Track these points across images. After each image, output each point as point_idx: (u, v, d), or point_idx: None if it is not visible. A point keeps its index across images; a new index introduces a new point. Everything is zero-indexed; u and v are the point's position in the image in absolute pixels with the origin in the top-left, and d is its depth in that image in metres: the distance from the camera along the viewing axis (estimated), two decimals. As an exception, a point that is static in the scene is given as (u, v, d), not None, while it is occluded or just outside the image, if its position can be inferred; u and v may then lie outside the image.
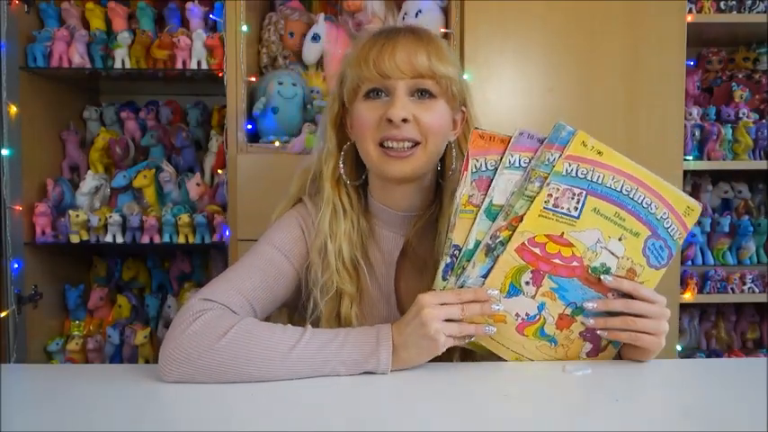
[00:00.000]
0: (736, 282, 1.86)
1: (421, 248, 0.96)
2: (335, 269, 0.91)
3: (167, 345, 0.76)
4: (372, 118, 0.88)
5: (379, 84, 0.88)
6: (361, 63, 0.88)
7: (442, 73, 0.88)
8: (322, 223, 0.92)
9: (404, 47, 0.87)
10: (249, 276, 0.88)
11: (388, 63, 0.86)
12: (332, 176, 0.95)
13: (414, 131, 0.87)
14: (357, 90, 0.90)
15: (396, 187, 0.93)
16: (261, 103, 1.68)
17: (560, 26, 1.64)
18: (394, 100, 0.87)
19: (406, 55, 0.86)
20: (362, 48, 0.90)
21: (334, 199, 0.94)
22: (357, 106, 0.90)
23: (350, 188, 0.96)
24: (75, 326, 2.03)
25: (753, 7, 1.82)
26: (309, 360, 0.76)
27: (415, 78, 0.87)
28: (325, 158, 0.96)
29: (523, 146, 0.78)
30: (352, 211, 0.95)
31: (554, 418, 0.65)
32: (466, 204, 0.78)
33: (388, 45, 0.87)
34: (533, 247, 0.77)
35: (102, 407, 0.69)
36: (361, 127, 0.90)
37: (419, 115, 0.87)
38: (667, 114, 1.65)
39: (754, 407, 0.66)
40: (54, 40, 1.87)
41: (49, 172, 1.98)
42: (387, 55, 0.86)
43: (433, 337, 0.75)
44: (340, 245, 0.92)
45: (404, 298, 0.96)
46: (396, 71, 0.86)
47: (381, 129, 0.87)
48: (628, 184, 0.76)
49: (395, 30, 0.91)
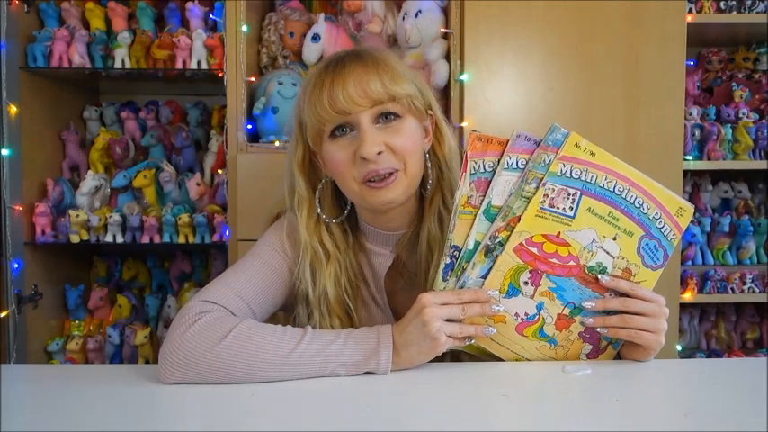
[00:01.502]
0: (736, 282, 1.86)
1: (410, 262, 0.96)
2: (321, 316, 0.89)
3: (167, 347, 0.76)
4: (345, 157, 0.85)
5: (341, 121, 0.84)
6: (316, 105, 0.84)
7: (400, 93, 0.84)
8: (303, 273, 0.89)
9: (354, 78, 0.83)
10: (248, 278, 0.88)
11: (343, 99, 0.82)
12: (308, 221, 0.90)
13: (391, 160, 0.84)
14: (321, 133, 0.86)
15: (383, 214, 0.91)
16: (261, 103, 1.68)
17: (560, 26, 1.64)
18: (361, 135, 0.83)
19: (358, 86, 0.82)
20: (313, 89, 0.85)
21: (314, 245, 0.90)
22: (326, 148, 0.87)
23: (332, 226, 0.92)
24: (75, 326, 2.03)
25: (753, 7, 1.82)
26: (310, 361, 0.76)
27: (375, 107, 0.83)
28: (299, 205, 0.91)
29: (521, 147, 0.78)
30: (337, 250, 0.91)
31: (554, 418, 0.65)
32: (465, 205, 0.78)
33: (337, 80, 0.83)
34: (531, 247, 0.77)
35: (102, 407, 0.69)
36: (336, 168, 0.86)
37: (390, 142, 0.84)
38: (667, 114, 1.65)
39: (754, 407, 0.66)
40: (54, 40, 1.87)
41: (49, 172, 1.98)
42: (339, 91, 0.82)
43: (434, 336, 0.75)
44: (324, 289, 0.89)
45: (399, 310, 0.96)
46: (353, 106, 0.82)
47: (358, 166, 0.84)
48: (620, 184, 0.77)
49: (339, 61, 0.86)
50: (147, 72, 1.93)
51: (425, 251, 0.91)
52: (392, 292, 0.96)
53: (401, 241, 0.94)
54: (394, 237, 0.94)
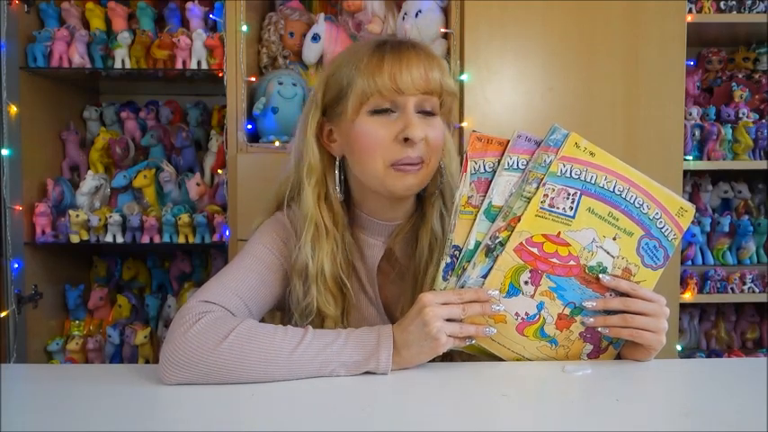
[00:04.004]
0: (736, 282, 1.86)
1: (402, 256, 0.96)
2: (317, 291, 0.89)
3: (168, 347, 0.76)
4: (384, 136, 0.84)
5: (392, 98, 0.84)
6: (375, 72, 0.83)
7: (451, 89, 0.87)
8: (304, 245, 0.89)
9: (417, 62, 0.84)
10: (244, 278, 0.88)
11: (405, 77, 0.82)
12: (313, 192, 0.90)
13: (423, 150, 0.85)
14: (364, 102, 0.85)
15: (391, 201, 0.91)
16: (261, 103, 1.68)
17: (560, 26, 1.64)
18: (408, 118, 0.84)
19: (422, 70, 0.84)
20: (372, 55, 0.84)
21: (317, 218, 0.90)
22: (363, 120, 0.85)
23: (334, 202, 0.92)
24: (75, 326, 2.03)
25: (753, 7, 1.82)
26: (311, 361, 0.76)
27: (425, 94, 0.85)
28: (307, 173, 0.91)
29: (521, 148, 0.78)
30: (336, 229, 0.91)
31: (554, 418, 0.65)
32: (465, 205, 0.79)
33: (402, 58, 0.84)
34: (531, 247, 0.77)
35: (102, 407, 0.69)
36: (368, 144, 0.85)
37: (429, 134, 0.85)
38: (667, 114, 1.65)
39: (754, 407, 0.66)
40: (54, 40, 1.87)
41: (49, 172, 1.98)
42: (403, 68, 0.83)
43: (435, 336, 0.75)
44: (322, 265, 0.89)
45: (388, 303, 0.96)
46: (411, 87, 0.83)
47: (395, 149, 0.84)
48: (620, 184, 0.77)
49: (400, 43, 0.87)
50: (147, 72, 1.93)
51: (426, 249, 0.92)
52: (382, 284, 0.97)
53: (395, 232, 0.95)
54: (388, 227, 0.95)
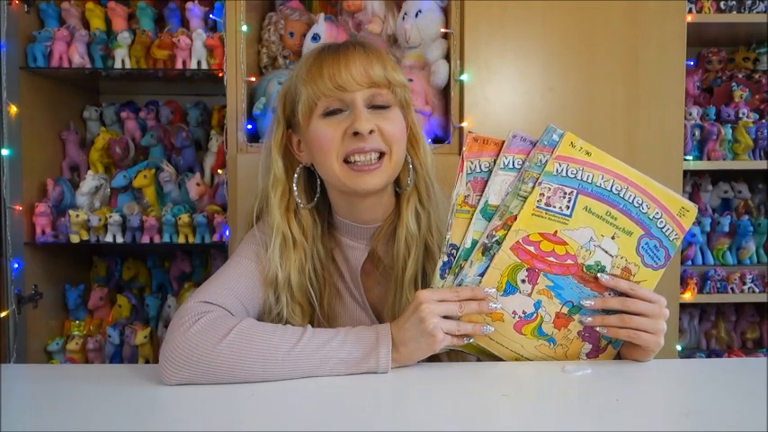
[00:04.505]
0: (736, 282, 1.86)
1: (385, 256, 0.97)
2: (285, 302, 0.90)
3: (168, 347, 0.76)
4: (335, 134, 0.87)
5: (337, 98, 0.86)
6: (316, 78, 0.86)
7: (398, 80, 0.89)
8: (272, 255, 0.90)
9: (356, 59, 0.86)
10: (239, 278, 0.88)
11: (344, 75, 0.85)
12: (280, 204, 0.92)
13: (379, 142, 0.87)
14: (313, 108, 0.88)
15: (360, 202, 0.92)
16: (261, 103, 1.68)
17: (560, 26, 1.64)
18: (356, 113, 0.86)
19: (360, 66, 0.86)
20: (311, 66, 0.88)
21: (284, 229, 0.91)
22: (315, 124, 0.88)
23: (302, 214, 0.93)
24: (75, 326, 2.03)
25: (753, 7, 1.82)
26: (310, 359, 0.76)
27: (371, 88, 0.87)
28: (273, 185, 0.93)
29: (517, 148, 0.79)
30: (304, 239, 0.93)
31: (554, 417, 0.65)
32: (462, 205, 0.79)
33: (340, 58, 0.86)
34: (528, 246, 0.77)
35: (102, 407, 0.69)
36: (322, 145, 0.88)
37: (381, 125, 0.87)
38: (667, 114, 1.65)
39: (754, 407, 0.66)
40: (54, 40, 1.87)
41: (49, 172, 1.98)
42: (342, 67, 0.86)
43: (432, 332, 0.76)
44: (288, 276, 0.90)
45: (376, 304, 0.97)
46: (352, 83, 0.85)
47: (346, 144, 0.87)
48: (617, 183, 0.77)
49: (342, 44, 0.90)
50: (147, 72, 1.93)
51: (403, 247, 0.92)
52: (369, 286, 0.97)
53: (376, 234, 0.95)
54: (368, 230, 0.95)
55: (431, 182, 0.96)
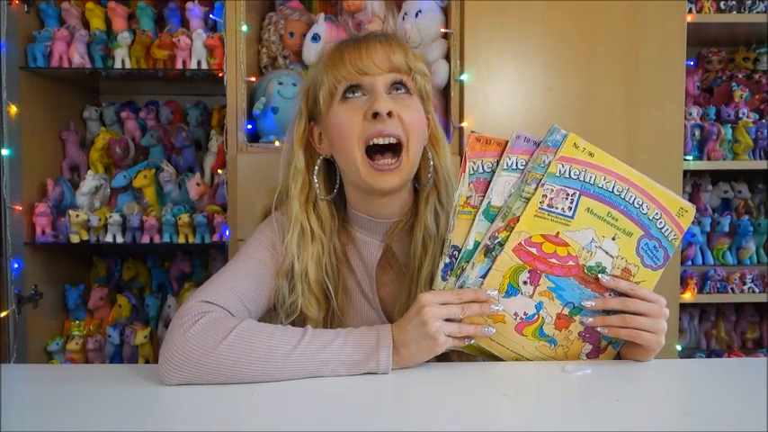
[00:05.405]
0: (736, 282, 1.86)
1: (400, 253, 0.96)
2: (301, 292, 0.90)
3: (168, 347, 0.76)
4: (354, 118, 0.87)
5: (357, 80, 0.87)
6: (337, 64, 0.88)
7: (418, 68, 0.90)
8: (290, 244, 0.91)
9: (378, 45, 0.88)
10: (242, 277, 0.88)
11: (365, 60, 0.86)
12: (300, 195, 0.93)
13: (398, 128, 0.87)
14: (333, 93, 0.89)
15: (378, 198, 0.92)
16: (261, 103, 1.68)
17: (560, 26, 1.64)
18: (375, 95, 0.86)
19: (382, 52, 0.87)
20: (334, 52, 0.90)
21: (302, 221, 0.92)
22: (335, 110, 0.89)
23: (320, 207, 0.94)
24: (75, 326, 2.03)
25: (753, 7, 1.82)
26: (310, 361, 0.76)
27: (392, 73, 0.87)
28: (293, 176, 0.94)
29: (520, 148, 0.78)
30: (322, 232, 0.93)
31: (554, 418, 0.65)
32: (464, 205, 0.79)
33: (361, 45, 0.88)
34: (530, 247, 0.77)
35: (102, 407, 0.69)
36: (342, 130, 0.88)
37: (400, 112, 0.87)
38: (667, 114, 1.65)
39: (754, 407, 0.66)
40: (54, 40, 1.87)
41: (49, 172, 1.98)
42: (363, 53, 0.87)
43: (434, 335, 0.76)
44: (306, 267, 0.90)
45: (386, 302, 0.96)
46: (373, 67, 0.86)
47: (365, 127, 0.86)
48: (619, 184, 0.77)
49: (365, 34, 0.92)
50: (147, 72, 1.93)
51: (420, 246, 0.92)
52: (382, 284, 0.97)
53: (392, 230, 0.95)
54: (384, 225, 0.95)
55: (450, 181, 0.96)
